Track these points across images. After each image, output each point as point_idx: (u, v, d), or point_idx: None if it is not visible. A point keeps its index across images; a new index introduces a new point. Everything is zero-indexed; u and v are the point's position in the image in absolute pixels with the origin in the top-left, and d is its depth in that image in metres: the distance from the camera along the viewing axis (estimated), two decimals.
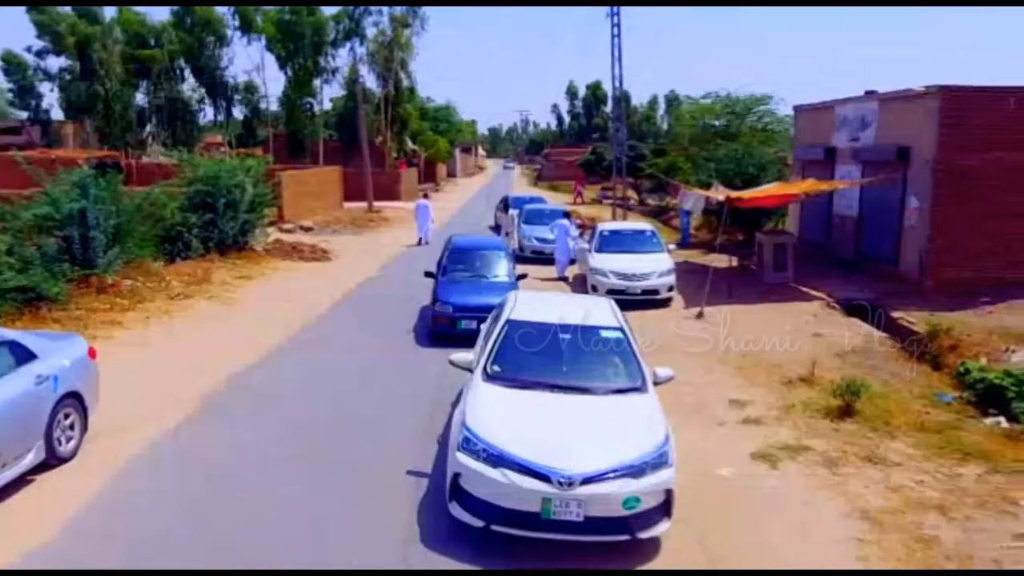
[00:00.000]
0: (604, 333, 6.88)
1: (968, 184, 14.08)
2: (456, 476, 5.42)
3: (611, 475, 5.20)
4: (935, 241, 14.43)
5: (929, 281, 14.48)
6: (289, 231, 24.70)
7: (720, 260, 17.09)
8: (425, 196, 29.26)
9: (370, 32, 41.87)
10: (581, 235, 18.25)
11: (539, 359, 6.45)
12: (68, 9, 40.72)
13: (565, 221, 18.71)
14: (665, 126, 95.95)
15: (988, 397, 9.06)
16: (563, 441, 5.36)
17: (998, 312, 13.65)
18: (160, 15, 51.14)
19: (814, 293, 15.34)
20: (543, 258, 19.07)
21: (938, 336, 12.03)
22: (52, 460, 6.53)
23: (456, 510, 5.42)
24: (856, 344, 11.88)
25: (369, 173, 34.37)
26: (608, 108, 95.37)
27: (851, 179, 16.95)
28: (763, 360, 10.87)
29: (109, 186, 14.21)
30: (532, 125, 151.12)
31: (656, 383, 6.50)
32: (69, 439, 6.80)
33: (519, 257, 17.36)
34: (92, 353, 7.40)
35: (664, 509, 5.43)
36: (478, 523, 5.27)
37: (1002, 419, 8.62)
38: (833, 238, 18.37)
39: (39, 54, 42.29)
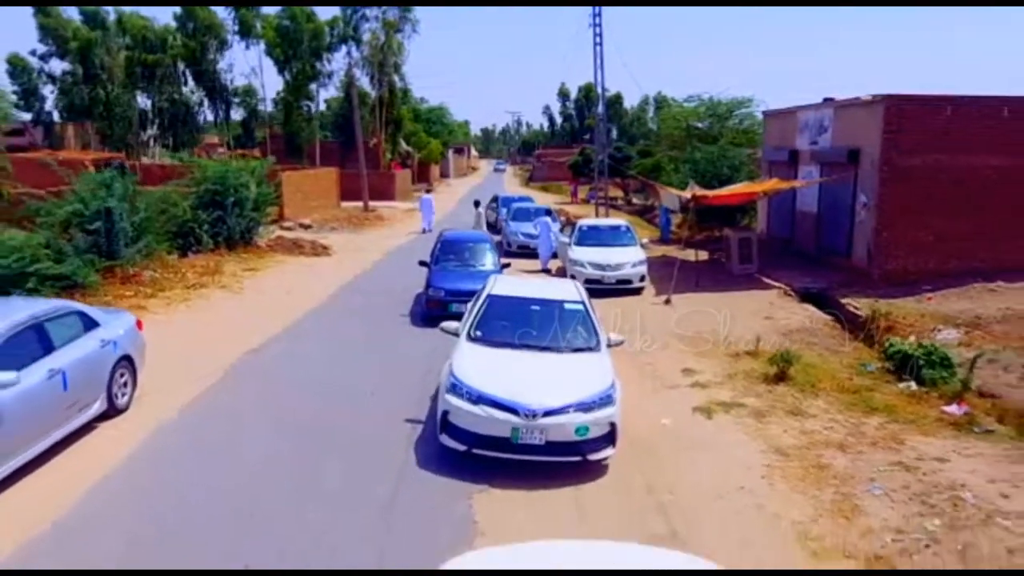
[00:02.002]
0: (568, 306, 8.34)
1: (910, 183, 15.57)
2: (445, 413, 6.86)
3: (566, 409, 6.65)
4: (881, 235, 15.93)
5: (876, 271, 15.97)
6: (289, 229, 26.03)
7: (693, 255, 18.57)
8: (428, 191, 32.36)
9: (365, 37, 43.13)
10: (562, 230, 19.72)
11: (513, 325, 7.89)
12: (74, 13, 41.90)
13: (547, 218, 20.17)
14: (655, 127, 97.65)
15: (903, 366, 10.52)
16: (529, 384, 6.80)
17: (936, 299, 15.15)
18: (164, 18, 52.43)
19: (774, 283, 16.82)
20: (528, 252, 20.53)
21: (876, 318, 13.58)
22: (111, 411, 7.91)
23: (445, 439, 6.86)
24: (802, 325, 13.39)
25: (365, 174, 35.74)
26: (599, 109, 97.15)
27: (811, 179, 18.46)
28: (716, 337, 12.31)
29: (129, 186, 15.59)
30: (525, 126, 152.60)
31: (609, 345, 7.95)
32: (124, 394, 8.19)
33: (507, 252, 18.80)
34: (139, 325, 8.80)
35: (609, 438, 6.87)
36: (462, 447, 6.71)
37: (912, 383, 10.07)
38: (796, 233, 19.88)
39: (43, 57, 43.50)
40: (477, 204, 24.78)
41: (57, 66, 43.77)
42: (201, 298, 14.49)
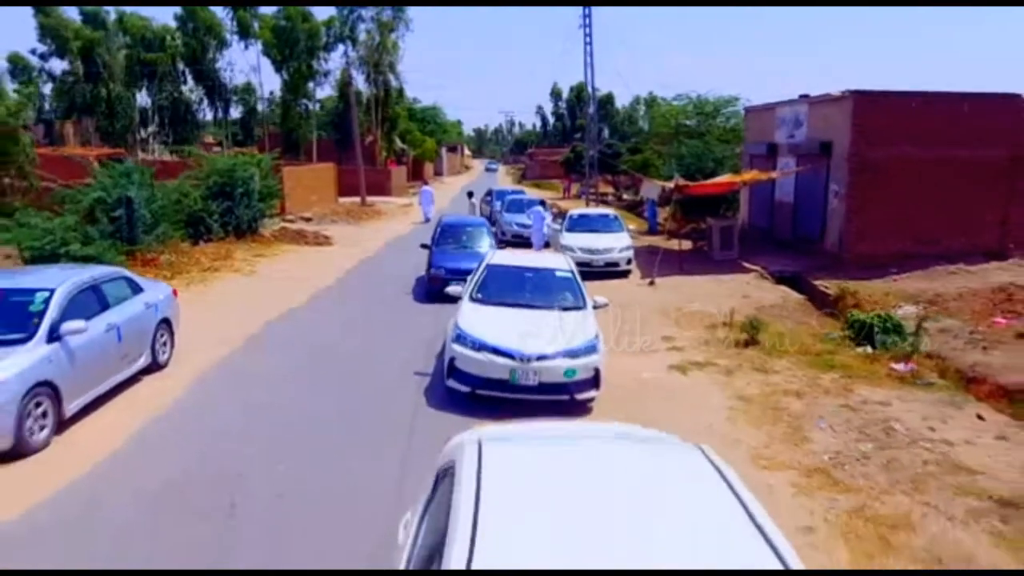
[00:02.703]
0: (558, 273, 9.44)
1: (877, 173, 16.74)
2: (452, 359, 7.92)
3: (556, 355, 7.72)
4: (851, 222, 17.09)
5: (847, 255, 17.12)
6: (291, 221, 26.98)
7: (685, 245, 19.70)
8: (426, 183, 34.43)
9: (361, 37, 44.11)
10: (554, 220, 20.80)
11: (510, 288, 8.97)
12: (74, 14, 42.71)
13: (540, 208, 21.24)
14: (646, 126, 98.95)
15: (862, 333, 11.64)
16: (525, 335, 7.86)
17: (902, 280, 16.33)
18: (163, 17, 53.22)
19: (752, 267, 17.96)
20: (522, 241, 21.57)
21: (844, 296, 14.73)
22: (154, 366, 8.93)
23: (451, 383, 7.93)
24: (775, 302, 14.51)
25: (362, 170, 36.74)
26: (591, 109, 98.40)
27: (787, 170, 19.61)
28: (697, 314, 13.42)
29: (147, 177, 16.58)
30: (518, 126, 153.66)
31: (595, 307, 9.04)
32: (164, 352, 9.21)
33: (501, 241, 19.85)
34: (175, 293, 9.82)
35: (594, 382, 7.95)
36: (466, 389, 7.78)
37: (868, 347, 11.20)
38: (775, 221, 21.04)
39: (43, 57, 44.30)
40: (470, 195, 25.84)
41: (57, 65, 44.68)
42: (217, 280, 15.48)
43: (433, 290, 13.52)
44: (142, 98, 44.62)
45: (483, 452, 3.05)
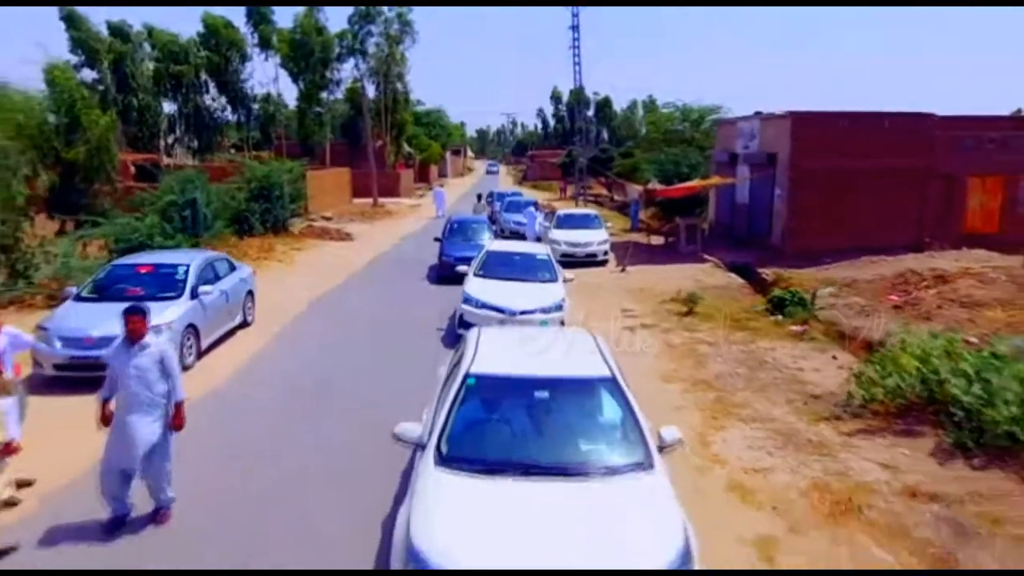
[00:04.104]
0: (539, 257, 12.96)
1: (813, 180, 20.09)
2: (461, 315, 11.42)
3: (535, 311, 11.14)
4: (791, 221, 20.45)
5: (788, 249, 20.48)
6: (313, 220, 30.43)
7: (656, 240, 23.08)
8: (441, 185, 40.20)
9: (371, 49, 47.50)
10: (545, 218, 24.23)
11: (503, 266, 12.42)
12: (102, 26, 46.14)
13: (533, 209, 24.69)
14: (644, 130, 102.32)
15: (777, 305, 15.00)
16: (512, 296, 11.29)
17: (832, 269, 19.68)
18: (189, 30, 56.80)
19: (711, 258, 21.34)
20: (518, 236, 24.98)
21: (778, 281, 18.09)
22: (243, 325, 12.35)
23: (460, 331, 11.35)
24: (720, 284, 17.90)
25: (375, 174, 40.19)
26: (590, 112, 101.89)
27: (742, 177, 22.99)
28: (654, 292, 16.80)
29: (203, 182, 20.01)
30: (520, 127, 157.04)
31: (565, 281, 12.46)
32: (251, 315, 12.63)
33: (500, 234, 23.26)
34: (255, 273, 13.27)
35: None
36: None
37: (779, 316, 14.56)
38: (735, 221, 24.41)
39: (75, 67, 47.72)
40: (480, 197, 29.42)
41: (87, 75, 48.12)
42: (264, 268, 18.86)
43: (444, 273, 16.94)
44: (167, 106, 48.19)
45: (481, 330, 6.46)
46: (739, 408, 8.88)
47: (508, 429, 5.23)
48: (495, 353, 5.85)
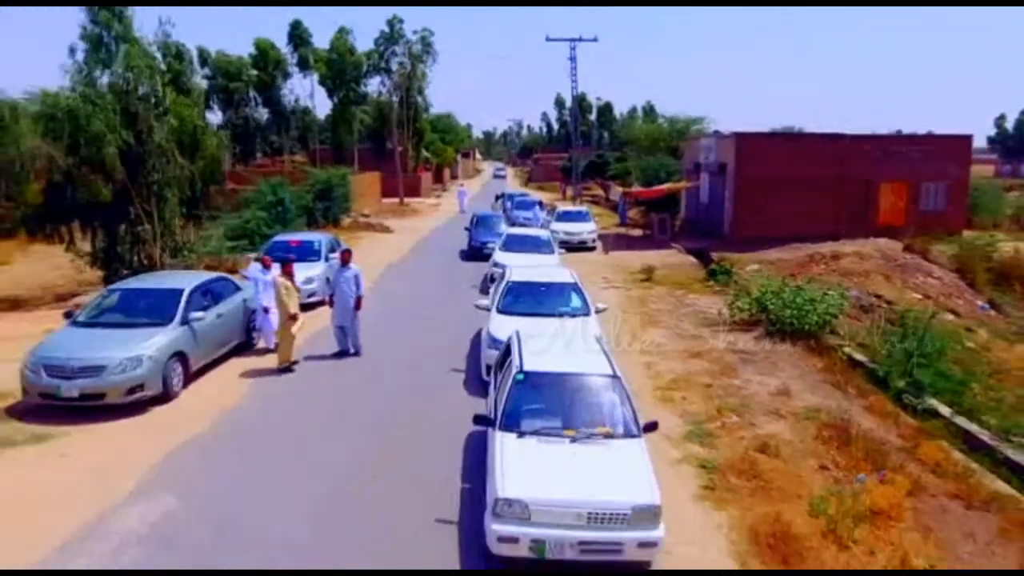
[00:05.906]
0: (542, 237, 19.23)
1: (754, 185, 26.10)
2: (491, 275, 17.56)
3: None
4: (738, 216, 26.49)
5: (735, 238, 26.51)
6: (355, 217, 36.62)
7: (636, 231, 29.18)
8: (462, 185, 47.08)
9: (394, 66, 53.72)
10: (548, 214, 30.43)
11: (518, 245, 18.64)
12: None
13: (537, 207, 30.92)
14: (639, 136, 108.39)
15: (711, 274, 21.06)
16: (526, 265, 17.39)
17: (767, 253, 25.73)
18: (240, 51, 63.48)
19: (676, 245, 27.43)
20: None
21: (722, 260, 24.22)
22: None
23: (488, 285, 17.54)
24: (677, 263, 24.02)
25: (401, 177, 46.43)
26: (592, 116, 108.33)
27: (704, 184, 29.05)
28: (626, 268, 22.87)
29: (286, 185, 26.23)
30: (526, 129, 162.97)
31: (560, 254, 18.62)
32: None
33: (512, 226, 29.58)
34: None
35: None
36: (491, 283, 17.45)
37: (713, 283, 20.61)
38: (700, 216, 30.49)
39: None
40: (498, 198, 35.87)
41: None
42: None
43: (471, 253, 23.16)
44: (210, 116, 54.57)
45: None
46: (662, 323, 15.00)
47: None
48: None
